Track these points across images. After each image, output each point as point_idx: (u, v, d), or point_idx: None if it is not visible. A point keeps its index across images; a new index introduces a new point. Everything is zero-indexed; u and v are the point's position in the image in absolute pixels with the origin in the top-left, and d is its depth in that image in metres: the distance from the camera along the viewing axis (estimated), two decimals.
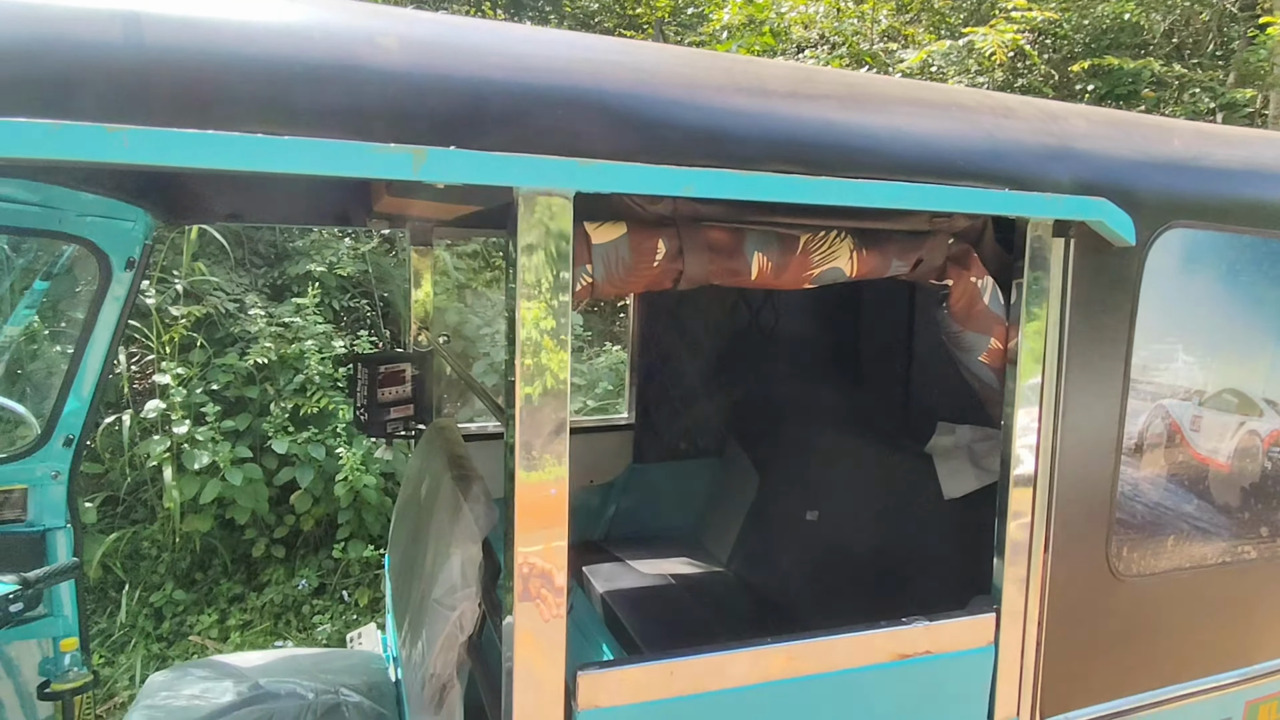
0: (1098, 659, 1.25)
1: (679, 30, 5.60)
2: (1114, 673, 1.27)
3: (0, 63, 0.63)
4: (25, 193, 1.48)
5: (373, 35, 0.79)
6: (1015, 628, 1.17)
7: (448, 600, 1.28)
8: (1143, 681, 1.29)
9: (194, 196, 1.85)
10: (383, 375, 2.11)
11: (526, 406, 0.89)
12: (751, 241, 0.98)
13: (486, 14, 6.16)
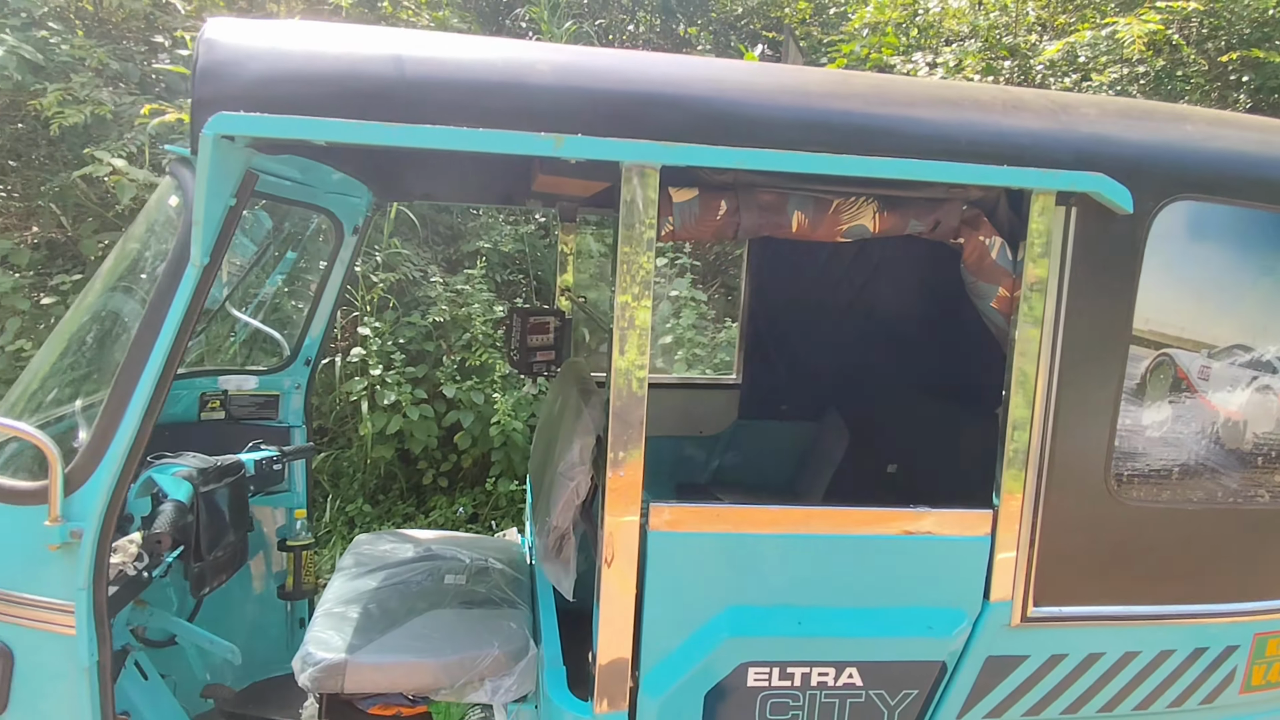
0: (1092, 567, 1.48)
1: (821, 30, 5.81)
2: (1109, 582, 1.49)
3: (355, 83, 1.13)
4: (297, 172, 2.08)
5: (534, 63, 1.23)
6: (1011, 525, 1.43)
7: (568, 473, 1.72)
8: (1137, 595, 1.50)
9: (400, 178, 2.43)
10: (531, 325, 2.62)
11: (623, 313, 1.29)
12: (793, 202, 1.33)
13: (641, 19, 6.66)
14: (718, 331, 4.24)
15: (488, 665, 1.74)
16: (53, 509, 1.23)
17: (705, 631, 1.38)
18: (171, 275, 1.26)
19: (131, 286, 1.47)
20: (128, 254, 1.53)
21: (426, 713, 1.82)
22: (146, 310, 1.26)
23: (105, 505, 1.25)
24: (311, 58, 1.17)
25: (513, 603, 2.03)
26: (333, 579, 2.14)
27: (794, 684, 1.39)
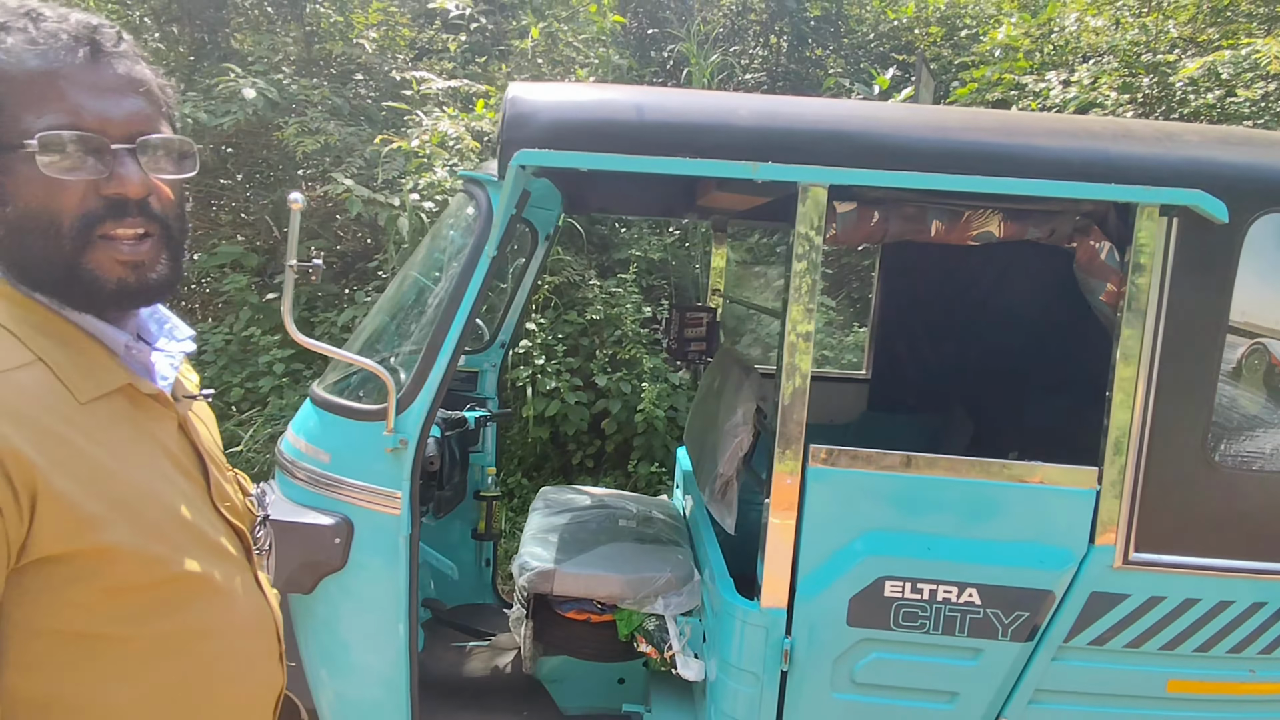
0: (1189, 522, 1.73)
1: (952, 51, 6.00)
2: (1205, 536, 1.74)
3: (612, 126, 1.60)
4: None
5: (736, 109, 1.67)
6: (1115, 481, 1.72)
7: (733, 431, 2.14)
8: (1230, 550, 1.74)
9: (588, 195, 2.95)
10: (687, 319, 3.07)
11: (795, 290, 1.70)
12: (931, 213, 1.70)
13: (772, 43, 7.05)
14: (845, 335, 4.55)
15: (661, 584, 2.18)
16: (389, 424, 1.77)
17: (850, 549, 1.75)
18: (471, 261, 1.78)
19: (434, 271, 2.03)
20: (428, 249, 2.09)
21: (611, 620, 2.28)
22: (453, 286, 1.79)
23: (422, 424, 1.78)
24: (582, 108, 1.66)
25: (676, 542, 2.46)
26: (530, 516, 2.65)
27: (922, 597, 1.74)
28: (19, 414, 0.70)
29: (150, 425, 0.85)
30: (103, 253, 0.76)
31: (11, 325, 0.76)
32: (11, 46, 0.73)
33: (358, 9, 6.73)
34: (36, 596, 0.71)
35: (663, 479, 4.42)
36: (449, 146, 4.14)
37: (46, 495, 0.70)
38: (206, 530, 0.86)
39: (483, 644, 2.72)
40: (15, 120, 0.72)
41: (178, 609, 0.80)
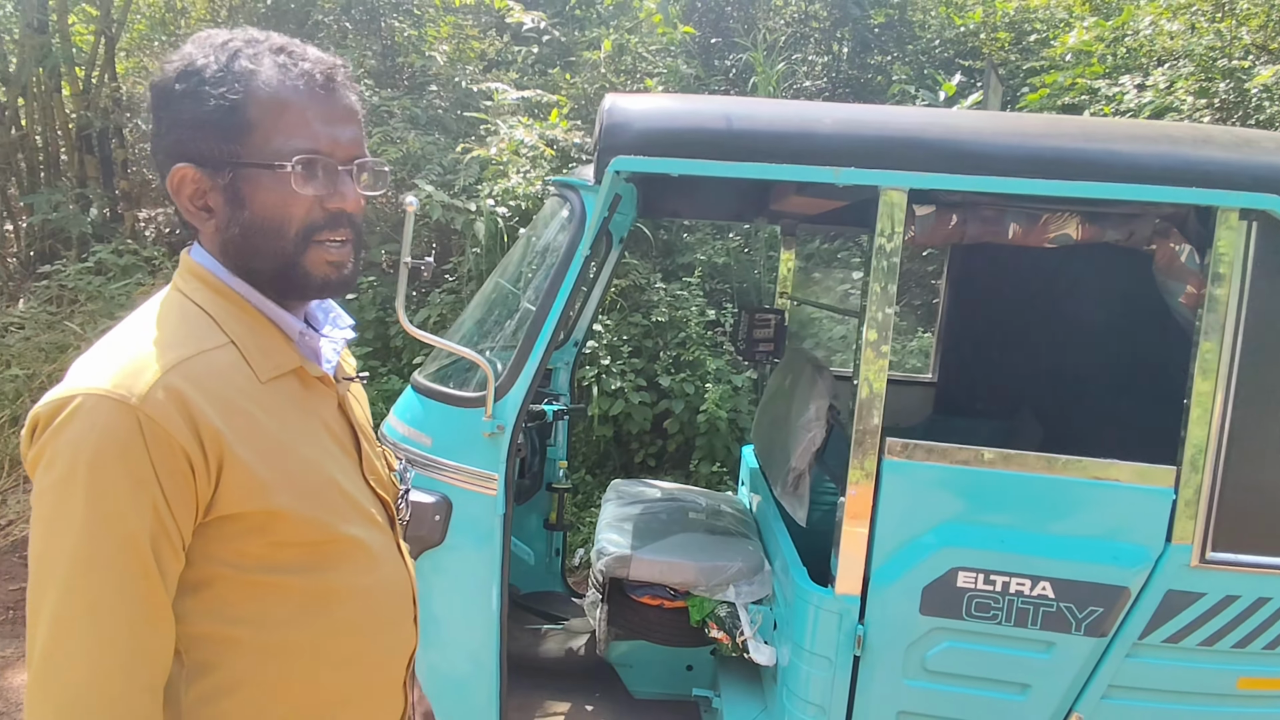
0: (1268, 523, 1.75)
1: (1021, 56, 5.94)
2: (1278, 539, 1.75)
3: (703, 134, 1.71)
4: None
5: (820, 117, 1.76)
6: (1192, 480, 1.74)
7: (806, 426, 2.22)
8: None
9: (660, 199, 3.06)
10: (756, 320, 3.16)
11: (874, 295, 1.77)
12: (1009, 216, 1.76)
13: (834, 50, 7.08)
14: (908, 340, 4.57)
15: (733, 573, 2.27)
16: (488, 410, 1.91)
17: (924, 540, 1.82)
18: (565, 260, 1.91)
19: (529, 270, 2.17)
20: (524, 250, 2.24)
21: (683, 607, 2.37)
22: (548, 283, 1.92)
23: (518, 410, 1.91)
24: (675, 116, 1.78)
25: (745, 534, 2.55)
26: (604, 507, 2.77)
27: (995, 589, 1.79)
28: (213, 390, 0.81)
29: (315, 404, 0.96)
30: (316, 254, 0.89)
31: (211, 310, 0.88)
32: (269, 78, 0.85)
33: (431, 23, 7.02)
34: (217, 546, 0.83)
35: (723, 479, 4.50)
36: (523, 154, 4.31)
37: (230, 462, 0.80)
38: (359, 499, 0.96)
39: (557, 627, 2.85)
40: (267, 141, 0.85)
41: (332, 566, 0.91)
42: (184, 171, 0.86)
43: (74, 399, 0.76)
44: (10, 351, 5.31)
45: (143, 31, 8.01)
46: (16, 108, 6.75)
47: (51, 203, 6.28)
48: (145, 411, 0.76)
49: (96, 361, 0.80)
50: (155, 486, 0.76)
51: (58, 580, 0.75)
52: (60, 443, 0.76)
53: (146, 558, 0.76)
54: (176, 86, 0.85)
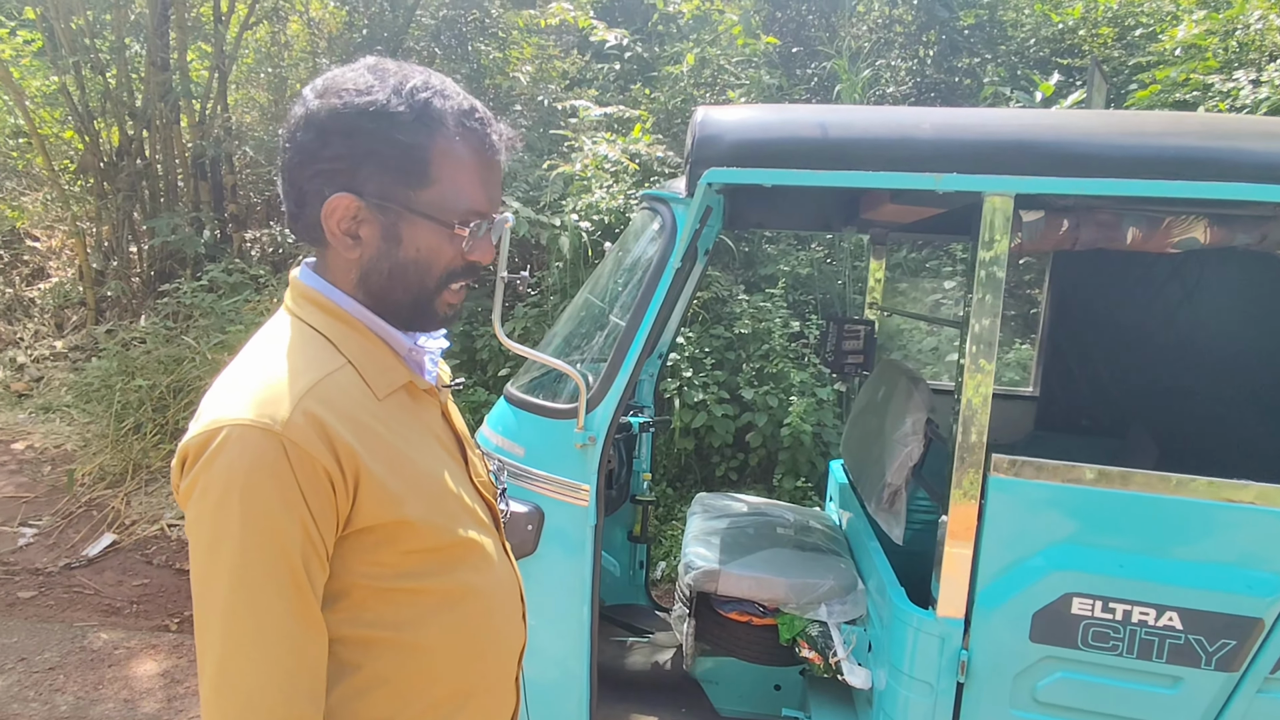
0: None
1: (1125, 52, 5.63)
2: None
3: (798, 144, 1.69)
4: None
5: (919, 122, 1.71)
6: None
7: (902, 440, 2.15)
8: None
9: (747, 210, 3.04)
10: (845, 331, 3.09)
11: (977, 311, 1.70)
12: (1128, 220, 1.66)
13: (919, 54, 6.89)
14: (1005, 352, 4.37)
15: (825, 591, 2.21)
16: (580, 421, 1.93)
17: (1034, 562, 1.72)
18: (656, 273, 1.92)
19: (619, 284, 2.19)
20: (615, 263, 2.26)
21: (773, 624, 2.32)
22: (640, 294, 1.93)
23: (610, 422, 1.93)
24: (768, 127, 1.76)
25: (836, 552, 2.48)
26: (690, 520, 2.75)
27: (1115, 618, 1.68)
28: (343, 410, 0.86)
29: (424, 414, 1.00)
30: (445, 297, 0.97)
31: (328, 333, 0.92)
32: (460, 141, 0.90)
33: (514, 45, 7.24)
34: (354, 558, 0.87)
35: (808, 494, 4.41)
36: (606, 169, 4.37)
37: (365, 477, 0.85)
38: (469, 503, 1.00)
39: (642, 640, 2.84)
40: (443, 196, 0.90)
41: (455, 569, 0.95)
42: (345, 200, 0.89)
43: (221, 431, 0.81)
44: (135, 364, 5.74)
45: (250, 65, 8.57)
46: (141, 140, 7.32)
47: (170, 226, 6.77)
48: (289, 436, 0.80)
49: (233, 393, 0.85)
50: (303, 506, 0.81)
51: (221, 600, 0.80)
52: (213, 472, 0.80)
53: (299, 573, 0.81)
54: (365, 123, 0.87)
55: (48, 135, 7.78)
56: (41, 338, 7.53)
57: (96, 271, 7.51)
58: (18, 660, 3.36)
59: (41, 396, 6.47)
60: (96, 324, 7.24)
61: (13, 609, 3.82)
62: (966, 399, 1.74)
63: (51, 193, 7.97)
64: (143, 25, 7.12)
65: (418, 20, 7.36)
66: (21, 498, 4.92)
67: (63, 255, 8.36)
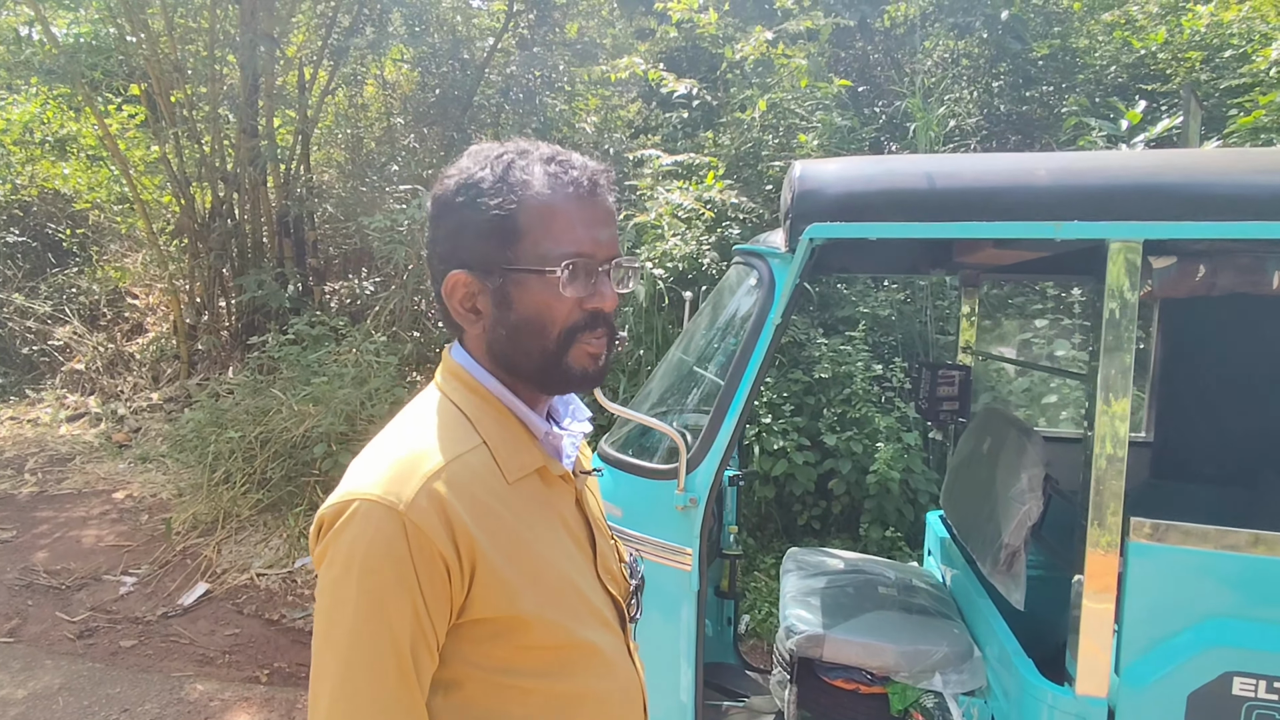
0: None
1: (1214, 74, 5.40)
2: None
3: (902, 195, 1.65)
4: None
5: (1034, 169, 1.64)
6: None
7: (1019, 498, 2.02)
8: None
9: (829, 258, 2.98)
10: (940, 377, 2.97)
11: (1107, 366, 1.60)
12: (1273, 262, 1.54)
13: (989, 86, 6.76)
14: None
15: (939, 659, 2.08)
16: (680, 483, 1.88)
17: (1186, 637, 1.58)
18: (755, 330, 1.88)
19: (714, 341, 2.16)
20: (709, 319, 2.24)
21: (882, 693, 2.20)
22: (739, 353, 1.89)
23: (710, 483, 1.87)
24: (871, 180, 1.72)
25: (946, 614, 2.34)
26: (784, 579, 2.65)
27: None
28: (469, 494, 0.84)
29: (555, 501, 0.96)
30: (577, 351, 0.91)
31: (468, 410, 0.91)
32: (540, 187, 0.87)
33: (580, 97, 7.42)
34: (468, 647, 0.85)
35: (896, 544, 4.22)
36: (680, 217, 4.38)
37: (482, 567, 0.83)
38: (594, 600, 0.95)
39: (738, 705, 2.73)
40: (536, 246, 0.87)
41: (573, 673, 0.90)
42: (458, 277, 0.90)
43: (352, 503, 0.82)
44: (225, 416, 5.98)
45: (329, 126, 9.03)
46: (232, 201, 7.76)
47: (257, 281, 7.11)
48: (410, 518, 0.80)
49: (372, 465, 0.86)
50: (416, 590, 0.80)
51: (332, 672, 0.80)
52: (340, 544, 0.81)
53: (405, 659, 0.80)
54: (456, 199, 0.89)
55: (148, 200, 8.32)
56: (140, 390, 7.96)
57: (189, 326, 7.92)
58: (121, 711, 3.45)
59: (139, 447, 6.80)
60: (189, 376, 7.61)
61: (115, 658, 3.95)
62: (1099, 457, 1.62)
63: (150, 253, 8.49)
64: (235, 95, 7.60)
65: (487, 78, 7.64)
66: (123, 546, 5.14)
67: (159, 311, 8.87)
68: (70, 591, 4.57)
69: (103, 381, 8.06)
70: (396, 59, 8.31)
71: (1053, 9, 6.39)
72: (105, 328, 8.74)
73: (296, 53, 7.75)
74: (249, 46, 6.78)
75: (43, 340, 8.48)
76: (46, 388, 8.17)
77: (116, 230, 9.30)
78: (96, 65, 7.29)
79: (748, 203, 4.52)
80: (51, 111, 8.33)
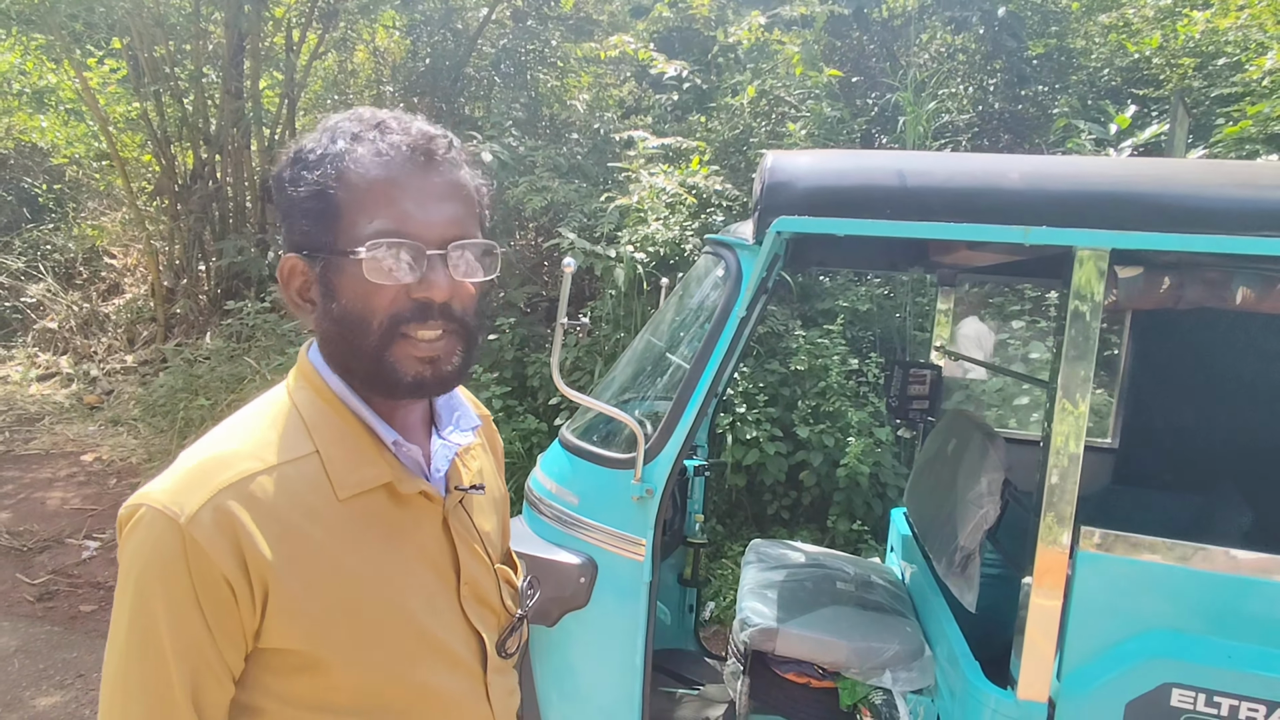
0: None
1: (1206, 82, 5.39)
2: None
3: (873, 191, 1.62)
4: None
5: (1005, 172, 1.62)
6: None
7: (976, 501, 2.02)
8: None
9: (809, 252, 2.95)
10: (910, 376, 2.96)
11: (1068, 372, 1.59)
12: (1239, 279, 1.53)
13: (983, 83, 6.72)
14: None
15: (889, 657, 2.09)
16: (637, 473, 1.86)
17: (1127, 646, 1.58)
18: (720, 321, 1.85)
19: (680, 330, 2.13)
20: (677, 307, 2.21)
21: (832, 687, 2.21)
22: (702, 344, 1.87)
23: (667, 474, 1.86)
24: (843, 175, 1.69)
25: (901, 612, 2.35)
26: (744, 570, 2.65)
27: (1220, 713, 1.52)
28: (272, 512, 0.75)
29: (406, 522, 0.84)
30: (402, 349, 0.78)
31: (306, 414, 0.81)
32: (360, 157, 0.76)
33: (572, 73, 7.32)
34: (269, 677, 0.77)
35: (863, 538, 4.25)
36: (662, 200, 4.34)
37: (276, 594, 0.74)
38: (441, 636, 0.85)
39: (692, 692, 2.74)
40: (352, 226, 0.75)
41: (392, 714, 0.81)
42: (290, 262, 0.81)
43: (140, 508, 0.74)
44: (198, 383, 5.91)
45: (318, 92, 8.87)
46: (214, 164, 7.61)
47: (237, 247, 7.00)
48: (190, 533, 0.72)
49: (176, 465, 0.78)
50: (196, 611, 0.73)
51: (109, 684, 0.75)
52: (125, 551, 0.75)
53: (175, 686, 0.73)
54: (285, 174, 0.80)
55: (128, 159, 8.16)
56: (114, 352, 7.84)
57: (167, 289, 7.80)
58: (76, 676, 3.43)
59: (111, 409, 6.72)
60: (165, 340, 7.51)
61: (74, 622, 3.91)
62: (1053, 465, 1.62)
63: (129, 213, 8.34)
64: (219, 55, 7.43)
65: (479, 49, 7.51)
66: (88, 510, 5.08)
67: (137, 273, 8.73)
68: (32, 554, 4.52)
69: (76, 341, 7.94)
70: (388, 25, 8.15)
71: (1051, 8, 6.35)
72: (81, 287, 8.59)
73: (285, 13, 7.58)
74: (235, 4, 6.63)
75: (15, 297, 8.33)
76: (17, 345, 8.04)
77: (95, 188, 9.13)
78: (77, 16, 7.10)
79: (732, 189, 4.48)
80: (30, 63, 8.12)
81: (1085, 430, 1.59)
